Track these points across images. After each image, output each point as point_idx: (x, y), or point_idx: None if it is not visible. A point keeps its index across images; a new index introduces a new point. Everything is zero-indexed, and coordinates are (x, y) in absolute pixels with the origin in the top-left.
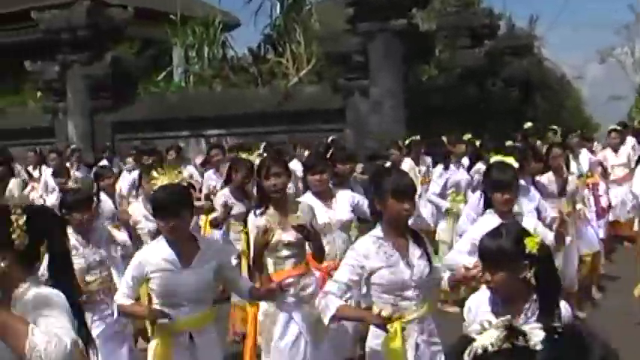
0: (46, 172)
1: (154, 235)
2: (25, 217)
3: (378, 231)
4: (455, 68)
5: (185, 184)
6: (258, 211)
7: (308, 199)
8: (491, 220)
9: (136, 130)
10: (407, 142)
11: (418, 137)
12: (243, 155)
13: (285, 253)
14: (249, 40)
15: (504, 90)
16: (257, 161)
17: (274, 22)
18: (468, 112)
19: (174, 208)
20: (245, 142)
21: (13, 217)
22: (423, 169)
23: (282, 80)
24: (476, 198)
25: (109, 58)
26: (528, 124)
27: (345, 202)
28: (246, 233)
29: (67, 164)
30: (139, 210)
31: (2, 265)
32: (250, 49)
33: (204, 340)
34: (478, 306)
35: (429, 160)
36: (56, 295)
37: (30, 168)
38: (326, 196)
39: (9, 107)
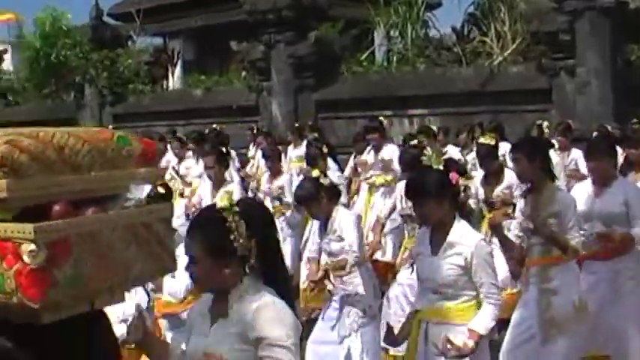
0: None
1: None
2: (244, 223)
3: None
4: None
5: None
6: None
7: (581, 187)
8: None
9: (338, 109)
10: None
11: None
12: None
13: (533, 241)
14: (451, 19)
15: None
16: None
17: (478, 0)
18: None
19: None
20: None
21: (232, 225)
22: None
23: (487, 60)
24: None
25: (313, 38)
26: None
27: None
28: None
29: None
30: None
31: (226, 271)
32: (454, 28)
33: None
34: None
35: None
36: (288, 316)
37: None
38: (600, 185)
39: (215, 87)
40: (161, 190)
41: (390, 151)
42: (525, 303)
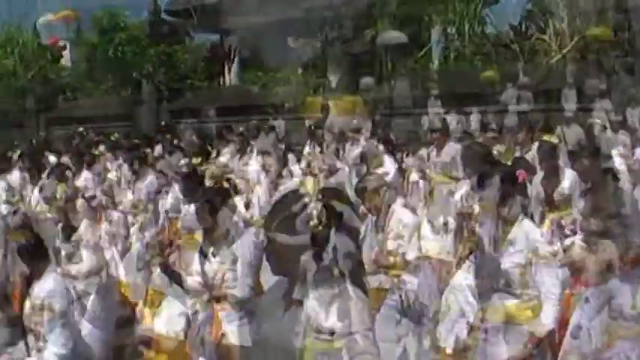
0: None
1: None
2: (324, 210)
3: None
4: None
5: None
6: None
7: None
8: None
9: (394, 106)
10: None
11: None
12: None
13: (593, 240)
14: (508, 16)
15: None
16: None
17: None
18: None
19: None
20: None
21: (313, 212)
22: None
23: (545, 57)
24: None
25: (369, 36)
26: None
27: None
28: None
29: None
30: None
31: (303, 258)
32: (511, 26)
33: None
34: None
35: None
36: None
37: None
38: None
39: (272, 83)
40: (226, 184)
41: (453, 150)
42: (586, 302)
